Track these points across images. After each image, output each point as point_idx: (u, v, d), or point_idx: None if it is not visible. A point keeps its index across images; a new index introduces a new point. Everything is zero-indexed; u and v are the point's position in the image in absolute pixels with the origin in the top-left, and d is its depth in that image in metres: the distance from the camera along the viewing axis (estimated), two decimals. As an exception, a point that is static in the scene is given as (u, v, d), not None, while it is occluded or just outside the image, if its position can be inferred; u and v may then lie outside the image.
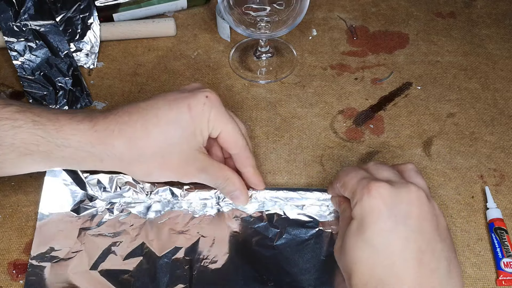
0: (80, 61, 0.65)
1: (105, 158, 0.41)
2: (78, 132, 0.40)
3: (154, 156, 0.41)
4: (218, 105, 0.43)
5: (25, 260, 0.48)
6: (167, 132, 0.41)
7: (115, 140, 0.40)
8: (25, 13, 0.64)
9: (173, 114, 0.41)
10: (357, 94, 0.63)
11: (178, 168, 0.43)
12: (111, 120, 0.41)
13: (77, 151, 0.41)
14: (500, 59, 0.67)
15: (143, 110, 0.41)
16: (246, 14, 0.59)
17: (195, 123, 0.41)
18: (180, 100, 0.42)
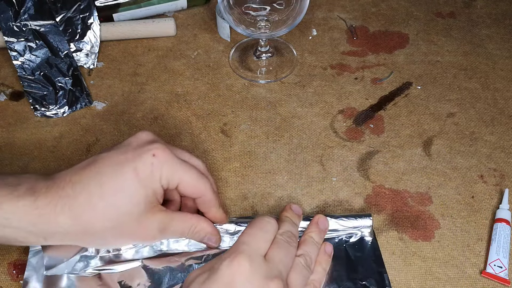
0: (80, 61, 0.65)
1: (48, 236, 0.38)
2: (18, 210, 0.37)
3: (104, 228, 0.38)
4: (168, 159, 0.39)
5: (25, 260, 0.48)
6: (114, 203, 0.38)
7: (58, 216, 0.37)
8: (25, 13, 0.64)
9: (118, 182, 0.38)
10: (357, 94, 0.63)
11: (136, 234, 0.40)
12: (54, 194, 0.37)
13: (18, 231, 0.37)
14: (500, 59, 0.67)
15: (86, 179, 0.38)
16: (246, 13, 0.59)
17: (145, 187, 0.39)
18: (125, 164, 0.38)
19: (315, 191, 0.53)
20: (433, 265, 0.48)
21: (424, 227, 0.51)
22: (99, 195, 0.38)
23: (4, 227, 0.37)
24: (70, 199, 0.37)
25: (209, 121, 0.60)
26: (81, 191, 0.38)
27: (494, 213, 0.52)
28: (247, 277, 0.36)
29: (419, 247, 0.49)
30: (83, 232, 0.38)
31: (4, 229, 0.37)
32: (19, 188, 0.38)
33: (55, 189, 0.38)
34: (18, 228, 0.37)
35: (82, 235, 0.39)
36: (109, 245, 0.43)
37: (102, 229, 0.38)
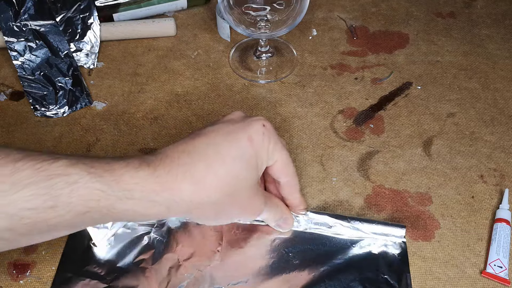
0: (80, 61, 0.65)
1: (172, 205, 0.37)
2: (140, 180, 0.36)
3: (223, 195, 0.39)
4: (274, 133, 0.41)
5: (25, 260, 0.48)
6: (233, 169, 0.39)
7: (181, 184, 0.37)
8: (25, 13, 0.64)
9: (235, 148, 0.39)
10: (357, 94, 0.63)
11: (247, 205, 0.41)
12: (171, 163, 0.37)
13: (140, 202, 0.36)
14: (500, 59, 0.67)
15: (202, 149, 0.38)
16: (246, 13, 0.59)
17: (257, 154, 0.40)
18: (239, 132, 0.40)
19: (315, 191, 0.53)
20: (433, 265, 0.48)
21: (424, 227, 0.51)
22: (219, 162, 0.38)
23: (127, 199, 0.36)
24: (190, 166, 0.37)
25: (209, 121, 0.60)
26: (199, 159, 0.38)
27: (494, 213, 0.52)
28: None
29: (419, 247, 0.49)
30: (204, 201, 0.38)
31: (128, 201, 0.36)
32: (133, 161, 0.37)
33: (170, 159, 0.38)
34: (141, 199, 0.36)
35: (202, 205, 0.38)
36: (220, 219, 0.43)
37: (221, 195, 0.39)
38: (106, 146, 0.57)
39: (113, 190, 0.35)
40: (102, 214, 0.36)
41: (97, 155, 0.39)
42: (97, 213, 0.36)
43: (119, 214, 0.36)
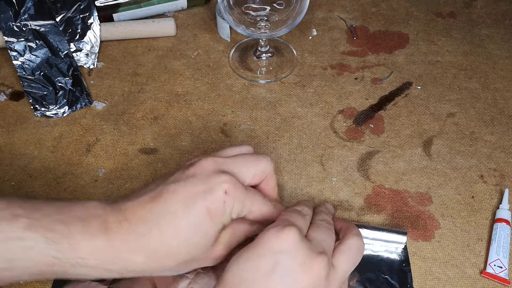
0: (80, 61, 0.65)
1: (124, 273, 0.38)
2: (95, 249, 0.36)
3: (178, 264, 0.39)
4: (239, 194, 0.39)
5: (25, 260, 0.48)
6: (188, 241, 0.38)
7: (134, 255, 0.37)
8: (25, 13, 0.64)
9: (191, 221, 0.37)
10: (357, 94, 0.63)
11: (205, 261, 0.41)
12: (126, 231, 0.37)
13: (94, 269, 0.37)
14: (500, 59, 0.67)
15: (156, 217, 0.37)
16: (246, 13, 0.59)
17: (217, 223, 0.38)
18: (197, 200, 0.38)
19: (315, 191, 0.53)
20: (433, 265, 0.48)
21: (424, 227, 0.51)
22: (173, 234, 0.37)
23: (81, 266, 0.36)
24: (144, 237, 0.37)
25: (209, 121, 0.60)
26: (153, 229, 0.37)
27: (494, 213, 0.52)
28: (294, 248, 0.35)
29: (419, 247, 0.49)
30: (157, 269, 0.38)
31: (81, 268, 0.37)
32: (91, 224, 0.37)
33: (127, 226, 0.37)
34: (95, 267, 0.37)
35: (156, 272, 0.39)
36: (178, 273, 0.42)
37: (176, 264, 0.39)
38: (106, 146, 0.57)
39: (67, 258, 0.36)
40: (56, 275, 0.37)
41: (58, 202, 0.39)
42: (52, 275, 0.37)
43: (73, 276, 0.37)
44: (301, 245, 0.36)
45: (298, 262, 0.35)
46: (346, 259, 0.38)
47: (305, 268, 0.35)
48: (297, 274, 0.35)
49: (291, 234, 0.36)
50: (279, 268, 0.35)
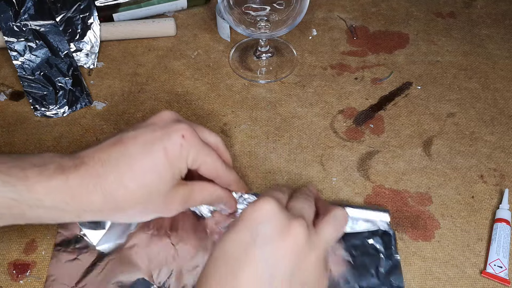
0: (80, 61, 0.65)
1: (82, 213, 0.39)
2: (50, 190, 0.37)
3: (133, 205, 0.39)
4: (195, 142, 0.41)
5: (25, 260, 0.48)
6: (144, 182, 0.39)
7: (91, 195, 0.38)
8: (25, 13, 0.64)
9: (148, 162, 0.39)
10: (357, 94, 0.63)
11: (161, 208, 0.41)
12: (84, 173, 0.38)
13: (51, 210, 0.38)
14: (500, 59, 0.67)
15: (115, 159, 0.38)
16: (246, 13, 0.59)
17: (173, 166, 0.40)
18: (155, 143, 0.39)
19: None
20: (433, 265, 0.48)
21: (424, 227, 0.51)
22: (130, 175, 0.38)
23: (37, 207, 0.37)
24: (101, 178, 0.38)
25: (209, 121, 0.60)
26: (111, 170, 0.38)
27: (494, 213, 0.52)
28: (272, 218, 0.37)
29: (419, 247, 0.49)
30: (114, 210, 0.39)
31: (38, 209, 0.37)
32: (48, 168, 0.37)
33: (85, 168, 0.38)
34: (52, 208, 0.37)
35: (113, 212, 0.39)
36: (136, 220, 0.44)
37: (131, 206, 0.39)
38: (106, 146, 0.57)
39: (24, 199, 0.36)
40: (15, 219, 0.38)
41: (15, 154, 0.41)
42: (10, 218, 0.38)
43: (31, 219, 0.38)
44: (279, 213, 0.37)
45: (276, 230, 0.36)
46: (330, 227, 0.39)
47: (284, 234, 0.36)
48: (277, 243, 0.36)
49: (268, 204, 0.37)
50: (258, 239, 0.36)
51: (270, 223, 0.36)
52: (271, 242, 0.36)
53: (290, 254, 0.36)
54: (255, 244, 0.36)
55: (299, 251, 0.36)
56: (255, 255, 0.36)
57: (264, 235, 0.36)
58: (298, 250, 0.36)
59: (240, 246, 0.36)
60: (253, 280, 0.35)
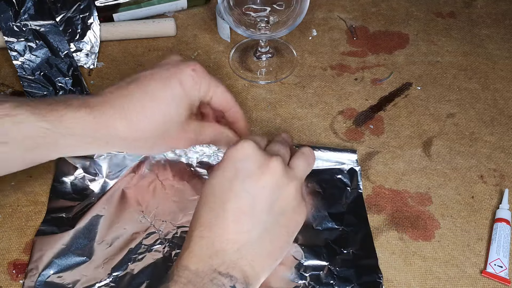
0: (80, 61, 0.65)
1: (109, 140, 0.43)
2: (79, 120, 0.41)
3: (155, 133, 0.43)
4: (204, 74, 0.45)
5: (25, 260, 0.48)
6: (164, 111, 0.43)
7: (115, 122, 0.42)
8: (25, 13, 0.64)
9: (167, 92, 0.43)
10: (357, 95, 0.63)
11: (178, 138, 0.45)
12: (107, 106, 0.42)
13: (82, 138, 0.42)
14: (500, 59, 0.67)
15: (137, 93, 0.43)
16: (246, 14, 0.59)
17: (188, 96, 0.44)
18: (171, 77, 0.44)
19: (315, 191, 0.54)
20: (433, 265, 0.48)
21: (424, 227, 0.51)
22: (151, 105, 0.42)
23: (70, 135, 0.41)
24: (124, 110, 0.42)
25: (209, 121, 0.60)
26: (134, 102, 0.42)
27: (494, 213, 0.52)
28: (251, 155, 0.41)
29: (419, 247, 0.49)
30: (137, 138, 0.43)
31: (70, 137, 0.41)
32: (73, 103, 0.41)
33: (107, 101, 0.42)
34: (82, 135, 0.41)
35: (136, 141, 0.43)
36: (155, 150, 0.48)
37: (153, 133, 0.43)
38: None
39: (56, 128, 0.40)
40: (49, 148, 0.42)
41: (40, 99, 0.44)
42: (45, 148, 0.41)
43: (64, 148, 0.42)
44: (257, 151, 0.41)
45: (256, 166, 0.40)
46: (301, 162, 0.44)
47: (263, 169, 0.40)
48: (256, 176, 0.40)
49: (247, 144, 0.41)
50: (239, 174, 0.40)
51: (250, 159, 0.40)
52: (251, 175, 0.40)
53: (269, 186, 0.40)
54: (238, 178, 0.40)
55: (277, 183, 0.40)
56: (238, 187, 0.40)
57: (245, 170, 0.40)
58: (277, 182, 0.40)
59: (225, 181, 0.40)
60: (237, 208, 0.39)
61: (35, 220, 0.50)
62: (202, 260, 0.38)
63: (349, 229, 0.50)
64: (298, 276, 0.47)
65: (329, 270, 0.47)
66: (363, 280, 0.46)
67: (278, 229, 0.41)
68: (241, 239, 0.39)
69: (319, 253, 0.48)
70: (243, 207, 0.39)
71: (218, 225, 0.39)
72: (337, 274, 0.47)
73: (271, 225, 0.40)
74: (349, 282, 0.46)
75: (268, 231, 0.40)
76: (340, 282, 0.46)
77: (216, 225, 0.39)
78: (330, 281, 0.46)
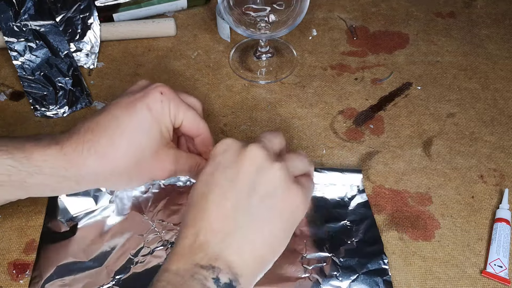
0: (80, 61, 0.65)
1: (80, 179, 0.41)
2: (48, 157, 0.40)
3: (128, 166, 0.41)
4: (174, 97, 0.43)
5: (25, 260, 0.48)
6: (134, 140, 0.41)
7: (86, 159, 0.40)
8: (25, 13, 0.64)
9: (134, 120, 0.41)
10: (357, 94, 0.63)
11: (154, 169, 0.43)
12: (77, 141, 0.40)
13: (51, 177, 0.40)
14: (500, 59, 0.67)
15: (103, 124, 0.41)
16: (246, 14, 0.59)
17: (158, 121, 0.42)
18: (137, 102, 0.42)
19: (315, 191, 0.54)
20: (433, 264, 0.48)
21: (424, 227, 0.51)
22: (119, 134, 0.41)
23: (37, 174, 0.40)
24: (93, 142, 0.40)
25: (209, 121, 0.60)
26: (102, 134, 0.41)
27: (494, 213, 0.52)
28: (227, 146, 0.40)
29: (419, 247, 0.49)
30: (110, 172, 0.41)
31: (38, 176, 0.40)
32: (43, 140, 0.40)
33: (76, 137, 0.41)
34: (51, 174, 0.40)
35: (110, 176, 0.41)
36: (133, 184, 0.45)
37: (126, 166, 0.41)
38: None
39: (23, 166, 0.39)
40: (15, 187, 0.40)
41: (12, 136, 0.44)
42: (10, 187, 0.40)
43: (31, 188, 0.41)
44: (235, 143, 0.40)
45: (234, 155, 0.39)
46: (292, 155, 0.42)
47: (241, 156, 0.39)
48: (235, 163, 0.39)
49: (226, 139, 0.41)
50: (219, 166, 0.39)
51: (228, 152, 0.40)
52: (230, 165, 0.39)
53: (249, 170, 0.39)
54: (218, 170, 0.39)
55: (258, 166, 0.39)
56: (219, 177, 0.39)
57: (225, 161, 0.39)
58: (257, 165, 0.39)
59: (208, 176, 0.39)
60: (219, 196, 0.38)
61: (35, 220, 0.50)
62: (183, 258, 0.36)
63: (353, 222, 0.50)
64: (302, 270, 0.47)
65: (332, 262, 0.47)
66: (368, 268, 0.46)
67: (267, 213, 0.38)
68: (226, 227, 0.37)
69: (321, 245, 0.48)
70: (225, 194, 0.38)
71: (201, 218, 0.38)
72: (340, 265, 0.47)
73: (257, 209, 0.38)
74: (354, 272, 0.46)
75: (256, 216, 0.38)
76: (344, 273, 0.46)
77: (200, 219, 0.38)
78: (334, 273, 0.46)
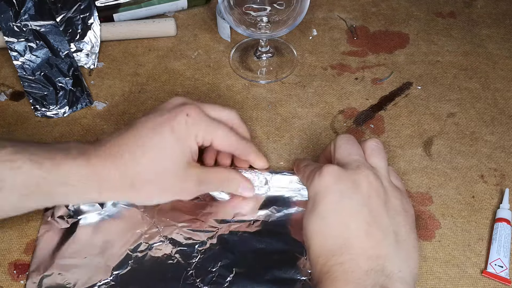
0: (81, 61, 0.65)
1: (103, 190, 0.42)
2: (75, 169, 0.41)
3: (148, 182, 0.43)
4: (200, 118, 0.44)
5: (26, 261, 0.48)
6: (154, 159, 0.42)
7: (109, 171, 0.42)
8: (26, 13, 0.64)
9: (157, 141, 0.42)
10: (358, 94, 0.63)
11: (176, 189, 0.44)
12: (103, 154, 0.42)
13: (77, 188, 0.42)
14: (500, 59, 0.67)
15: (128, 141, 0.43)
16: (247, 14, 0.59)
17: (182, 144, 0.43)
18: (163, 124, 0.43)
19: (315, 191, 0.53)
20: (433, 264, 0.48)
21: (424, 226, 0.51)
22: (141, 152, 0.42)
23: (65, 185, 0.41)
24: (116, 158, 0.42)
25: (210, 121, 0.60)
26: (125, 150, 0.42)
27: (495, 213, 0.52)
28: (337, 175, 0.41)
29: (419, 246, 0.49)
30: (130, 187, 0.42)
31: (66, 187, 0.41)
32: (72, 152, 0.42)
33: (103, 150, 0.42)
34: (77, 186, 0.41)
35: (130, 190, 0.43)
36: (154, 201, 0.46)
37: (146, 182, 0.43)
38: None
39: (52, 176, 0.41)
40: (43, 196, 0.42)
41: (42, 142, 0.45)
42: (40, 196, 0.42)
43: (58, 197, 0.42)
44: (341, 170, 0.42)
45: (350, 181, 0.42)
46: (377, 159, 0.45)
47: (357, 182, 0.41)
48: (357, 189, 0.41)
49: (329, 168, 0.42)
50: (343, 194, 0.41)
51: (342, 179, 0.41)
52: (353, 192, 0.41)
53: (373, 192, 0.41)
54: (344, 198, 0.41)
55: (375, 186, 0.41)
56: (349, 206, 0.40)
57: (345, 190, 0.41)
58: (375, 186, 0.41)
59: (332, 208, 0.41)
60: (361, 224, 0.40)
61: (36, 220, 0.50)
62: (352, 283, 0.37)
63: None
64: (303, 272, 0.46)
65: None
66: None
67: (403, 228, 0.41)
68: (381, 252, 0.39)
69: None
70: (366, 219, 0.40)
71: (353, 246, 0.39)
72: None
73: (396, 227, 0.40)
74: None
75: (398, 234, 0.40)
76: None
77: (351, 247, 0.39)
78: None
